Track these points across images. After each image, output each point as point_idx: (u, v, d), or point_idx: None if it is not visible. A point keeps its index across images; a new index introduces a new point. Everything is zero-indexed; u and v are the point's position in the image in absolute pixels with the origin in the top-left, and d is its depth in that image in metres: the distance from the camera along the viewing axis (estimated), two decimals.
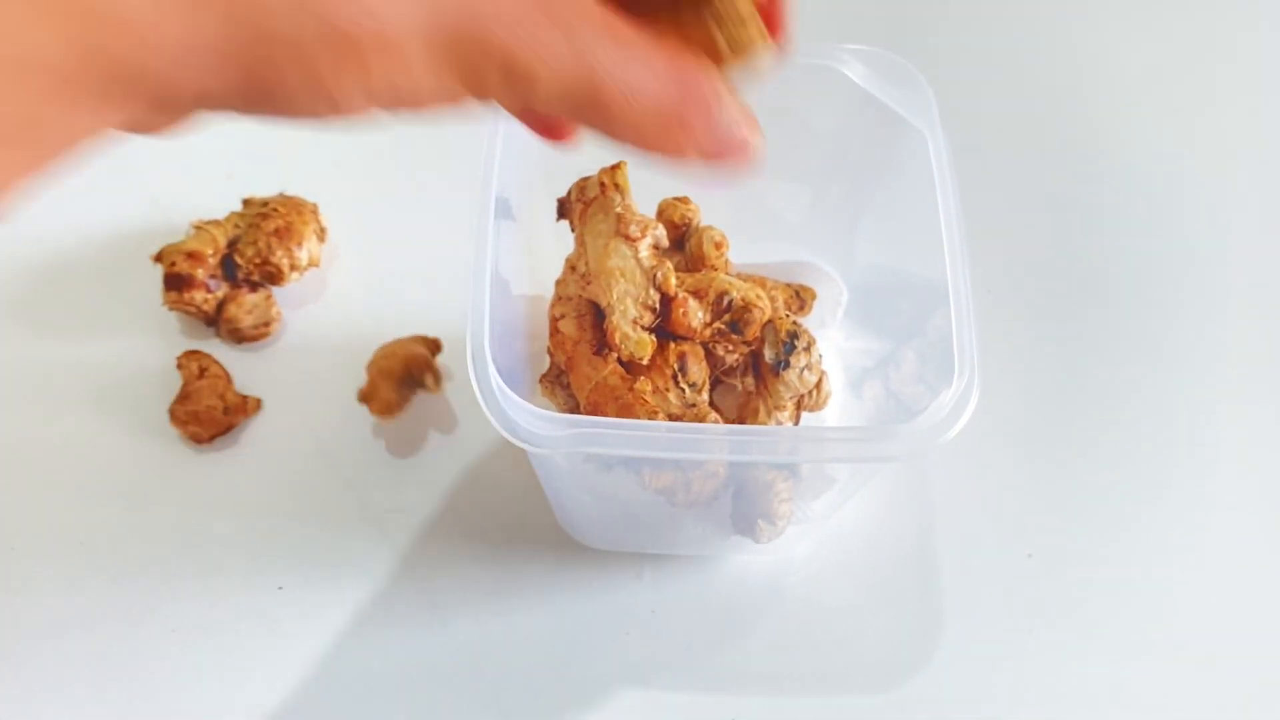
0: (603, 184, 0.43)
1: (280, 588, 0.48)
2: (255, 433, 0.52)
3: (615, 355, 0.44)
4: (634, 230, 0.42)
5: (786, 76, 0.47)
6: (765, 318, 0.43)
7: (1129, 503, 0.52)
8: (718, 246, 0.47)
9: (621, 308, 0.42)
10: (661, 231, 0.43)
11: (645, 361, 0.42)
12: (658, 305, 0.41)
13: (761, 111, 0.48)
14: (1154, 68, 0.67)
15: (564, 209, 0.46)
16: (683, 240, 0.48)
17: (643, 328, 0.42)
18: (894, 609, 0.49)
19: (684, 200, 0.48)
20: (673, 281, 0.41)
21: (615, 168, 0.43)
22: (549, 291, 0.52)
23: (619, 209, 0.42)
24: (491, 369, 0.38)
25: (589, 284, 0.44)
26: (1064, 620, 0.49)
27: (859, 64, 0.45)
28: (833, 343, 0.51)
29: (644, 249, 0.42)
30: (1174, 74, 0.67)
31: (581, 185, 0.44)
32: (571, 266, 0.45)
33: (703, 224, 0.48)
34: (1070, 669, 0.48)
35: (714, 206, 0.47)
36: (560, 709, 0.47)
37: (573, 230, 0.46)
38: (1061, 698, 0.47)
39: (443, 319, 0.54)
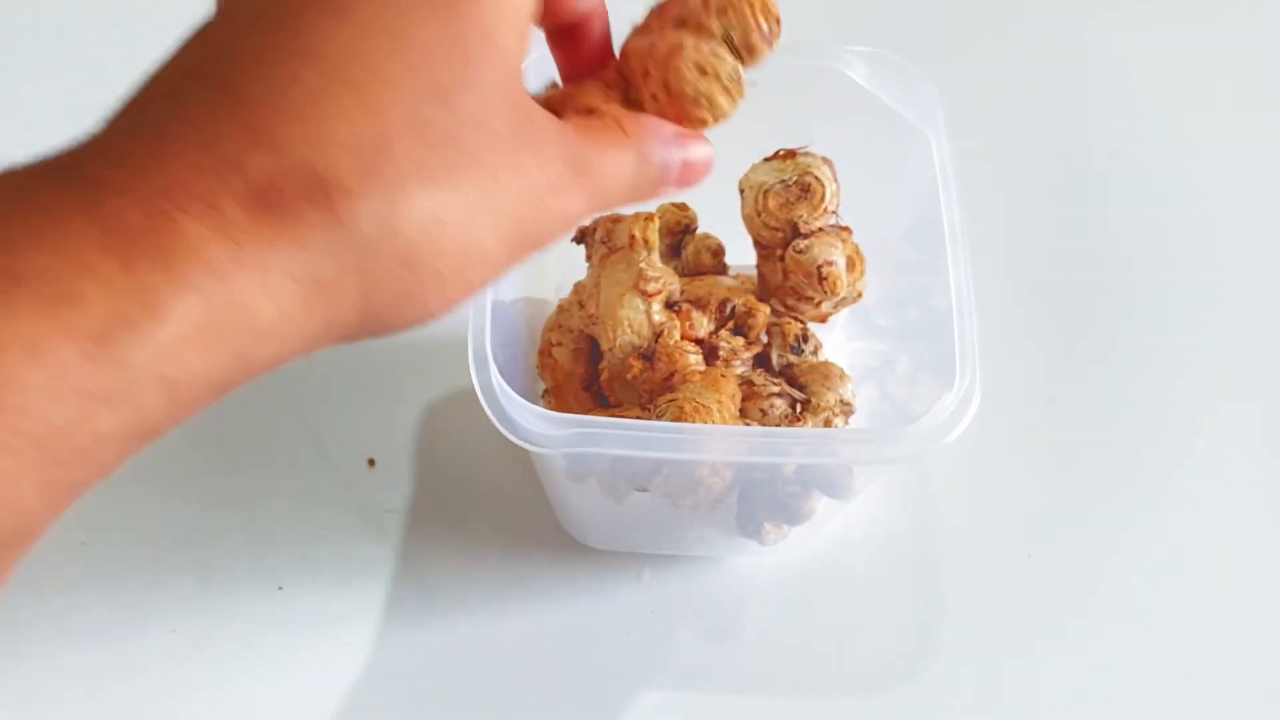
0: (632, 237, 0.44)
1: (280, 588, 0.48)
2: (256, 433, 0.52)
3: (599, 395, 0.45)
4: (652, 287, 0.43)
5: (790, 78, 0.47)
6: (767, 321, 0.44)
7: (1129, 503, 0.52)
8: (714, 255, 0.47)
9: (622, 355, 0.43)
10: (676, 286, 0.44)
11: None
12: (652, 356, 0.43)
13: (765, 113, 0.49)
14: (1159, 70, 0.67)
15: (584, 238, 0.46)
16: (680, 246, 0.48)
17: (630, 377, 0.43)
18: (894, 609, 0.49)
19: (682, 206, 0.48)
20: (672, 343, 0.43)
21: (647, 221, 0.44)
22: (550, 292, 0.52)
23: (643, 264, 0.43)
24: (492, 369, 0.38)
25: (594, 324, 0.44)
26: (1064, 620, 0.49)
27: (863, 65, 0.45)
28: (837, 344, 0.51)
29: (656, 305, 0.43)
30: (1178, 76, 0.66)
31: (610, 229, 0.45)
32: (580, 303, 0.45)
33: (700, 230, 0.48)
34: (1070, 669, 0.48)
35: (714, 211, 0.47)
36: (560, 709, 0.47)
37: (588, 261, 0.46)
38: (1061, 698, 0.47)
39: (444, 319, 0.54)
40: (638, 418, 0.42)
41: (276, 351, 0.23)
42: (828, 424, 0.42)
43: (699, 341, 0.43)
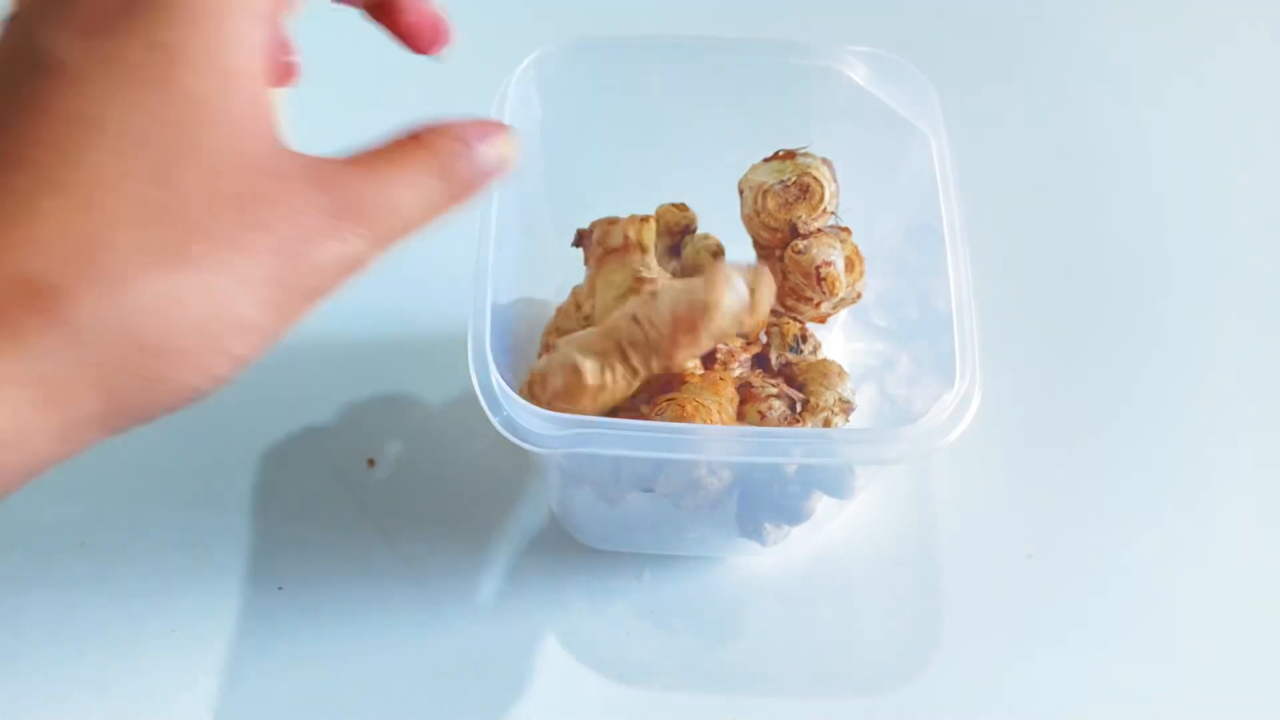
0: (626, 239, 0.43)
1: (280, 588, 0.48)
2: (256, 434, 0.52)
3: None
4: (648, 289, 0.42)
5: (790, 78, 0.47)
6: (765, 321, 0.44)
7: (1129, 503, 0.52)
8: (714, 255, 0.47)
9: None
10: None
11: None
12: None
13: (765, 113, 0.49)
14: (1158, 69, 0.67)
15: (581, 240, 0.46)
16: (680, 247, 0.48)
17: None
18: (894, 610, 0.49)
19: (681, 207, 0.48)
20: None
21: (642, 223, 0.44)
22: (550, 293, 0.52)
23: (638, 266, 0.43)
24: (492, 369, 0.38)
25: (590, 325, 0.44)
26: (1064, 620, 0.49)
27: (862, 65, 0.45)
28: (836, 344, 0.51)
29: None
30: (1178, 75, 0.67)
31: (606, 230, 0.44)
32: (577, 305, 0.45)
33: (700, 230, 0.48)
34: (1070, 669, 0.48)
35: (714, 211, 0.47)
36: (560, 709, 0.47)
37: (586, 264, 0.46)
38: (1061, 698, 0.47)
39: (443, 320, 0.54)
40: (637, 417, 0.41)
41: (25, 457, 0.23)
42: (827, 423, 0.42)
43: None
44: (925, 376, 0.46)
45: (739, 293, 0.38)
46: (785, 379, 0.43)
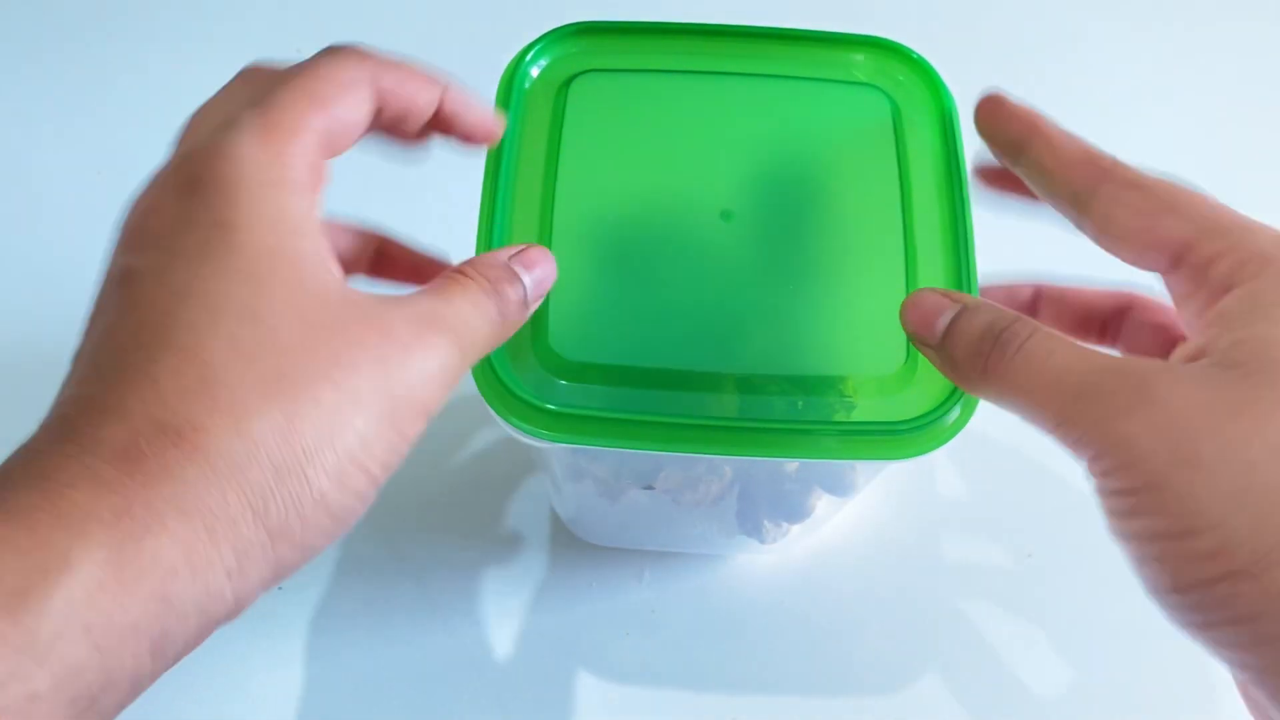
0: None
1: (280, 588, 0.48)
2: None
3: None
4: None
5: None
6: None
7: None
8: None
9: None
10: None
11: None
12: None
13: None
14: (1160, 71, 0.67)
15: None
16: None
17: None
18: (894, 609, 0.49)
19: None
20: None
21: None
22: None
23: None
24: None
25: None
26: (1064, 620, 0.49)
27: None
28: None
29: None
30: (1180, 78, 0.67)
31: None
32: None
33: None
34: (1071, 668, 0.48)
35: None
36: (560, 709, 0.47)
37: None
38: (1061, 698, 0.47)
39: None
40: None
41: (199, 592, 0.25)
42: None
43: None
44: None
45: None
46: None
